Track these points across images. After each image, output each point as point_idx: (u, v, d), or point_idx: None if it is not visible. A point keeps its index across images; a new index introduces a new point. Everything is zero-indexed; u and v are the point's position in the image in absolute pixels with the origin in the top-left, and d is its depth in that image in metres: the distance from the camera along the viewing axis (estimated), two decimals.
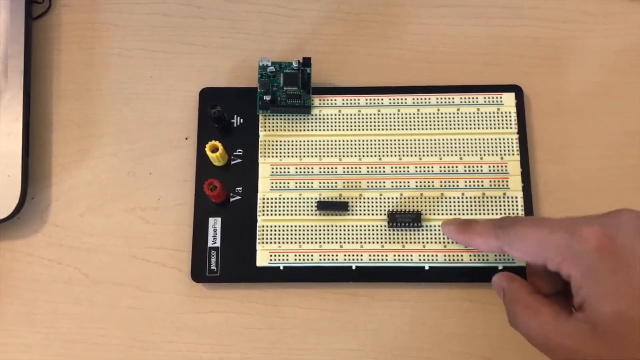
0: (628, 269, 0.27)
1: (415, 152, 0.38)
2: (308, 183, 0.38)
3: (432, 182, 0.37)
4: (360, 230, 0.37)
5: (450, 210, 0.37)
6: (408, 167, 0.38)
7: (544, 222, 0.30)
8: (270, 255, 0.37)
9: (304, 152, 0.38)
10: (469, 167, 0.38)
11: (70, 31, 0.42)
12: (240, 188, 0.38)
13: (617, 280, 0.27)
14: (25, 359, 0.37)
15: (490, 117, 0.38)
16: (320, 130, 0.39)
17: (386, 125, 0.38)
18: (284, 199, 0.37)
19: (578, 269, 0.28)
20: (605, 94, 0.40)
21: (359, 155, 0.38)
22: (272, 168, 0.38)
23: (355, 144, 0.38)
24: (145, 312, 0.37)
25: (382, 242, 0.37)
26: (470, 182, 0.37)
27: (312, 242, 0.37)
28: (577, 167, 0.39)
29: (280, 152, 0.38)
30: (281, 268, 0.36)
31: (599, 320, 0.27)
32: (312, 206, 0.37)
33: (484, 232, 0.33)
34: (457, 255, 0.36)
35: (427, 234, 0.36)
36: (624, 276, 0.27)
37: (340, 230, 0.37)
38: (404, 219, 0.36)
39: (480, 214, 0.37)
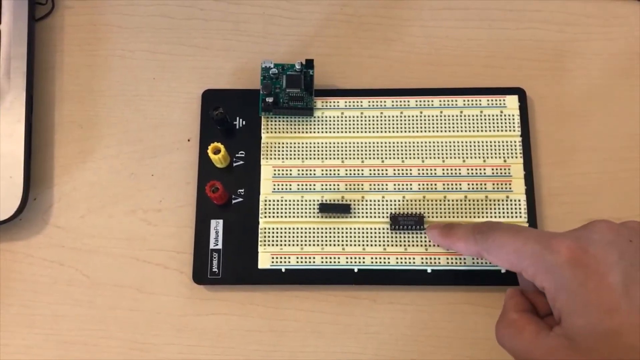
0: (599, 280, 0.27)
1: (418, 154, 0.38)
2: (310, 185, 0.38)
3: (435, 184, 0.37)
4: (363, 232, 0.37)
5: (453, 213, 0.37)
6: (410, 170, 0.38)
7: (521, 231, 0.30)
8: (272, 258, 0.36)
9: (306, 154, 0.38)
10: (471, 169, 0.38)
11: (73, 33, 0.42)
12: (242, 190, 0.38)
13: (589, 292, 0.27)
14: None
15: (493, 119, 0.38)
16: (322, 132, 0.38)
17: (389, 128, 0.38)
18: (286, 201, 0.37)
19: (551, 281, 0.28)
20: (608, 97, 0.40)
21: (362, 158, 0.38)
22: (274, 170, 0.38)
23: (358, 146, 0.38)
24: (146, 314, 0.37)
25: (384, 245, 0.36)
26: (473, 184, 0.37)
27: (314, 245, 0.37)
28: (581, 169, 0.39)
29: (283, 154, 0.38)
30: (283, 270, 0.36)
31: (574, 334, 0.27)
32: (314, 208, 0.37)
33: (465, 236, 0.33)
34: (460, 259, 0.36)
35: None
36: (596, 288, 0.27)
37: (343, 232, 0.37)
38: (407, 222, 0.36)
39: (483, 216, 0.37)
